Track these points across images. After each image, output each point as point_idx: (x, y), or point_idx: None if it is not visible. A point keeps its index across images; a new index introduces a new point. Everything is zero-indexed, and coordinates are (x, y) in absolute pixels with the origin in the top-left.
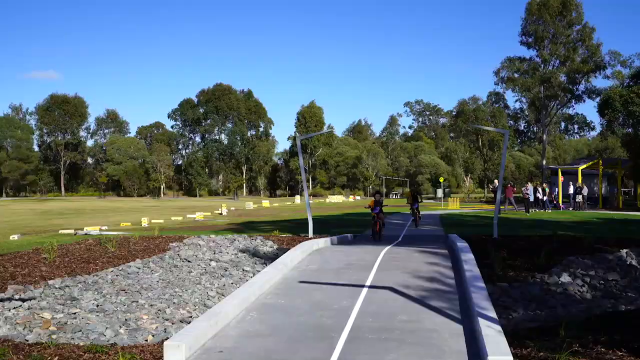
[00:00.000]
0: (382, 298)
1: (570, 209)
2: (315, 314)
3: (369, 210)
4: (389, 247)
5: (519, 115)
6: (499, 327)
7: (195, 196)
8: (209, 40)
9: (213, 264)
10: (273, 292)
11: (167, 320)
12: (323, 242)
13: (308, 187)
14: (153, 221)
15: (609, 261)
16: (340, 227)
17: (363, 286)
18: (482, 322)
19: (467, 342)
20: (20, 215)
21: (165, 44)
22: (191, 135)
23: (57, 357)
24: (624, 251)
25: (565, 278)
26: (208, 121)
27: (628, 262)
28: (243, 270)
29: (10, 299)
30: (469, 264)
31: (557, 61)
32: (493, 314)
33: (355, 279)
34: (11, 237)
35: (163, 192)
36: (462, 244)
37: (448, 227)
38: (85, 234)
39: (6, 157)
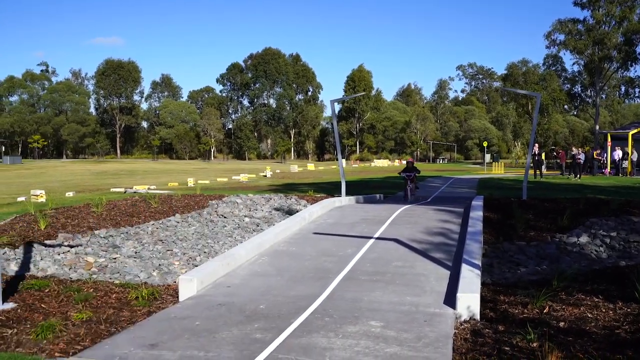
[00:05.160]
0: (385, 248)
1: (620, 175)
2: (320, 259)
3: (400, 175)
4: (409, 205)
5: (576, 79)
6: (478, 272)
7: (245, 159)
8: (258, 4)
9: (247, 219)
10: (287, 241)
11: (196, 266)
12: (347, 200)
13: (355, 151)
14: (199, 182)
15: (634, 223)
16: (376, 189)
17: (370, 237)
18: (465, 267)
19: (449, 284)
20: (77, 175)
21: (216, 9)
22: (240, 99)
23: (92, 289)
24: None
25: (584, 238)
26: (257, 85)
27: None
28: (274, 225)
29: (60, 245)
30: (474, 219)
31: (613, 21)
32: (478, 262)
33: (365, 232)
34: (66, 194)
35: (213, 155)
36: (476, 203)
37: (481, 190)
38: (134, 192)
39: (65, 120)
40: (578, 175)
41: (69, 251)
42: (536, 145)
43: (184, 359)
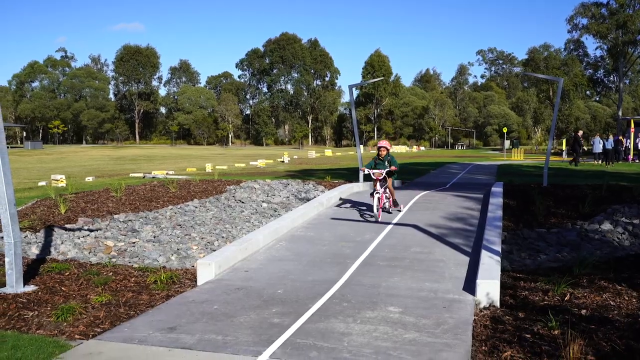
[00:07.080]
0: (403, 233)
1: None
2: (338, 244)
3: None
4: (427, 191)
5: (599, 64)
6: (498, 258)
7: (262, 145)
8: None
9: (264, 205)
10: (305, 226)
11: (214, 251)
12: (363, 185)
13: (373, 137)
14: (217, 167)
15: None
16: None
17: (389, 223)
18: (484, 253)
19: (468, 271)
20: (97, 161)
21: None
22: (258, 85)
23: (111, 273)
24: None
25: (606, 225)
26: (274, 71)
27: None
28: (291, 211)
29: (80, 229)
30: (494, 205)
31: (637, 5)
32: (498, 248)
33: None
34: (86, 179)
35: (231, 141)
36: (496, 189)
37: (501, 177)
38: (152, 177)
39: (85, 106)
40: (605, 162)
41: (88, 235)
42: (580, 131)
43: (202, 343)
